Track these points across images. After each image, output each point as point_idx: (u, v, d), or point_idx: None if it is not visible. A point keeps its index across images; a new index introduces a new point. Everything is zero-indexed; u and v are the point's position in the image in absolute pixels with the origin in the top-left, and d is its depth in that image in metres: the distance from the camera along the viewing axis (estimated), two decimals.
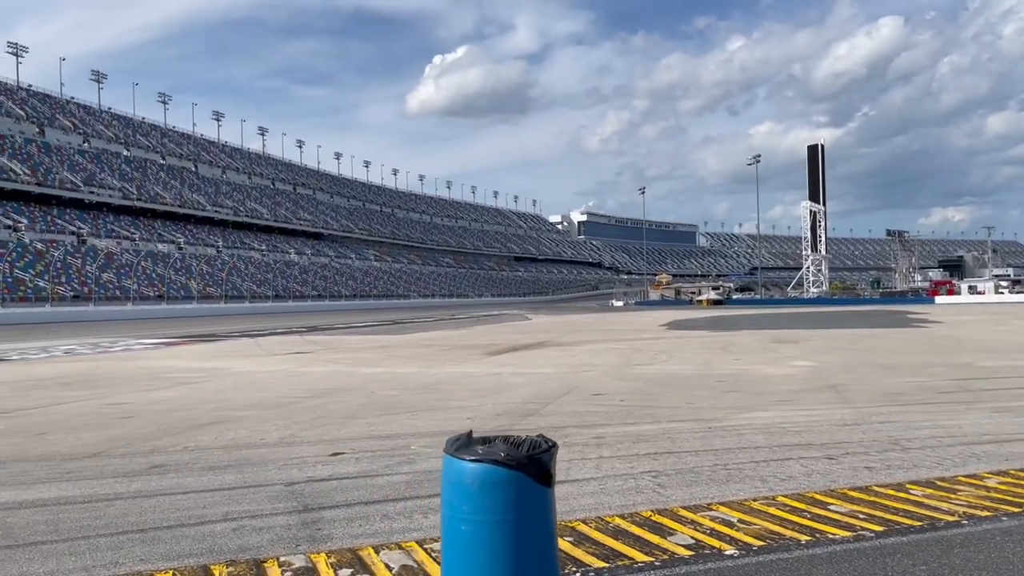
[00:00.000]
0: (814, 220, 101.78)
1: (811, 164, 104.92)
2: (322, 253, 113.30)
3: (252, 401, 11.13)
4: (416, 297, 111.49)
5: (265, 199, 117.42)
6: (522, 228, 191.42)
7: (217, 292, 77.41)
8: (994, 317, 35.29)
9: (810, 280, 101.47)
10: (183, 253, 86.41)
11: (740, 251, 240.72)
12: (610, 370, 14.19)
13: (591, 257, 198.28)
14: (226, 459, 6.90)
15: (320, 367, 17.14)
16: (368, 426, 8.55)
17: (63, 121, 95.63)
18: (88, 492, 5.77)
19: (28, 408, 10.86)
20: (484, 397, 10.74)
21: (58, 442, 8.01)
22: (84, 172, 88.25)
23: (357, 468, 6.37)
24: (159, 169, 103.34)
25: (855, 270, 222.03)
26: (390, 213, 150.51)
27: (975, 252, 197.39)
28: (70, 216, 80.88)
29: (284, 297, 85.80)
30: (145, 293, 69.52)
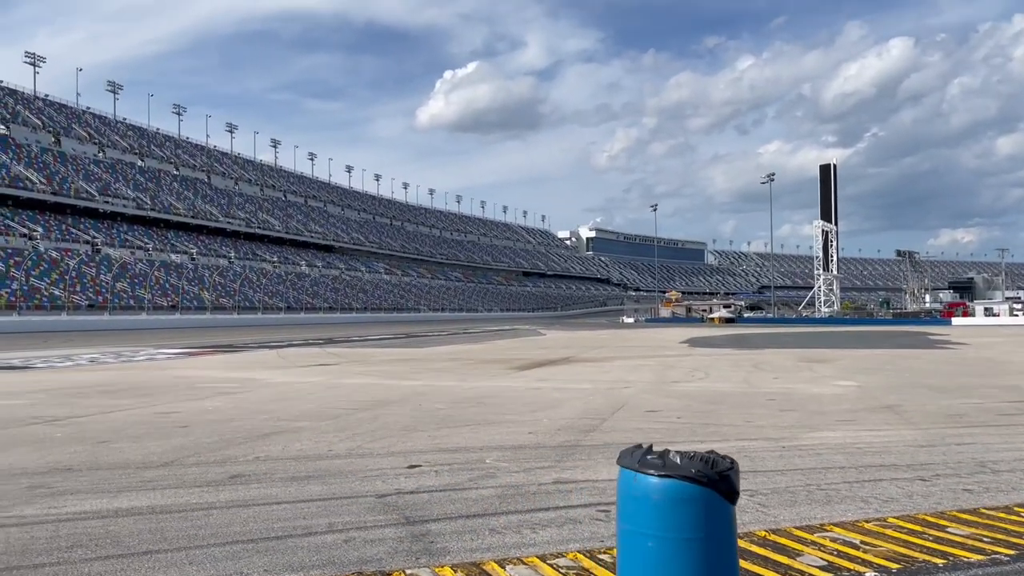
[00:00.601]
0: (826, 239, 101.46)
1: (823, 183, 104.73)
2: (333, 265, 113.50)
3: (301, 412, 11.09)
4: (426, 311, 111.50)
5: (277, 211, 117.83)
6: (531, 243, 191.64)
7: (230, 303, 77.56)
8: (1019, 340, 35.09)
9: (821, 299, 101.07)
10: (196, 264, 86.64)
11: (748, 269, 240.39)
12: (649, 387, 14.11)
13: (599, 273, 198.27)
14: (302, 470, 6.86)
15: (354, 379, 17.09)
16: (431, 439, 8.50)
17: (79, 131, 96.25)
18: (179, 501, 5.73)
19: (79, 416, 10.83)
20: (536, 412, 10.68)
21: (125, 451, 7.97)
22: (99, 182, 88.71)
23: (440, 481, 6.31)
24: (173, 180, 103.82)
25: (864, 290, 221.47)
26: (400, 226, 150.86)
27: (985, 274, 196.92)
28: (84, 225, 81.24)
29: (296, 309, 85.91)
30: (159, 303, 69.68)
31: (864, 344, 30.88)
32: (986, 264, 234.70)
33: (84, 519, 5.25)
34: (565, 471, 6.62)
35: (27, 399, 13.23)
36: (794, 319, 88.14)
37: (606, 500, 5.58)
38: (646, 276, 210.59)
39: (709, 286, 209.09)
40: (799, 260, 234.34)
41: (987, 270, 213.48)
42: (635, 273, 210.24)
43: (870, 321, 78.30)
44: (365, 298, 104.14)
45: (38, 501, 5.79)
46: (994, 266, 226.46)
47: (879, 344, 30.89)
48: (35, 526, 5.09)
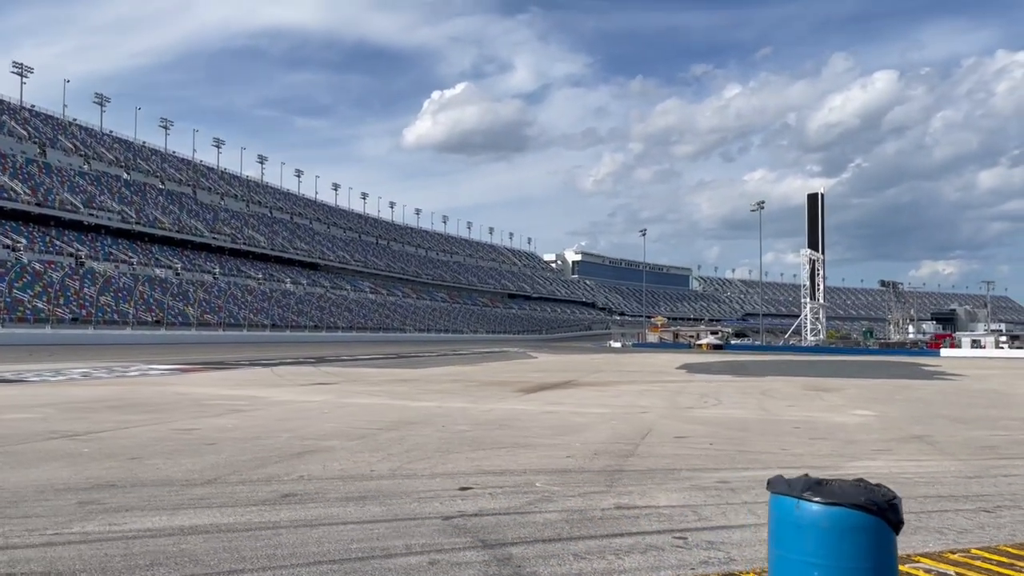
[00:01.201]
0: (813, 268, 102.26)
1: (811, 213, 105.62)
2: (318, 283, 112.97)
3: (324, 431, 10.94)
4: (411, 331, 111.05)
5: (263, 227, 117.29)
6: (516, 265, 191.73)
7: (214, 319, 76.89)
8: (1013, 372, 35.37)
9: (808, 328, 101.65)
10: (180, 279, 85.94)
11: (733, 296, 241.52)
12: (666, 413, 14.05)
13: (584, 297, 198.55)
14: (353, 490, 6.74)
15: (360, 399, 16.92)
16: (471, 461, 8.39)
17: (65, 142, 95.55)
18: (240, 520, 5.60)
19: (97, 432, 10.63)
20: (564, 435, 10.59)
21: (161, 467, 7.82)
22: (84, 194, 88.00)
23: (499, 504, 6.21)
24: (158, 194, 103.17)
25: (847, 319, 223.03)
26: (386, 246, 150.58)
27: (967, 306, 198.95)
28: (68, 238, 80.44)
29: (281, 327, 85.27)
30: (143, 318, 68.94)
31: (861, 374, 31.00)
32: (967, 296, 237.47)
33: (151, 536, 5.12)
34: (621, 497, 6.54)
35: (36, 413, 12.99)
36: (781, 347, 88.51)
37: (678, 527, 5.51)
38: (631, 301, 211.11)
39: (694, 312, 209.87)
40: (783, 288, 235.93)
41: (968, 302, 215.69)
42: (620, 297, 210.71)
43: (859, 351, 78.72)
44: (350, 317, 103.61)
45: (95, 517, 5.64)
46: (975, 298, 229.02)
47: (876, 374, 31.01)
48: (104, 543, 4.95)
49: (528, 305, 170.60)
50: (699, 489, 6.85)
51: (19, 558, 4.63)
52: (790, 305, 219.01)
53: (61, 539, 5.08)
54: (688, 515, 5.86)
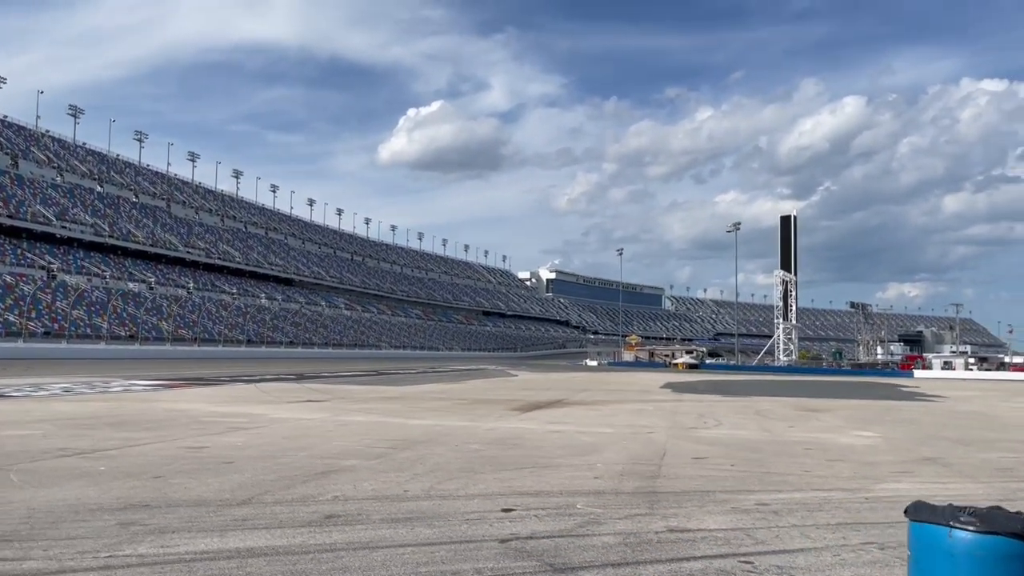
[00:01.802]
0: (786, 289, 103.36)
1: (783, 235, 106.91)
2: (293, 299, 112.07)
3: (338, 450, 10.80)
4: (387, 348, 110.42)
5: (237, 242, 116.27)
6: (491, 283, 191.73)
7: (189, 334, 75.92)
8: (990, 394, 35.92)
9: (781, 348, 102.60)
10: (154, 293, 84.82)
11: (705, 316, 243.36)
12: (672, 433, 14.05)
13: (559, 315, 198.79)
14: (395, 511, 6.65)
15: (356, 416, 16.75)
16: (500, 482, 8.32)
17: (38, 154, 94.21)
18: (295, 542, 5.49)
19: (105, 449, 10.41)
20: (580, 456, 10.55)
21: (189, 487, 7.66)
22: (57, 207, 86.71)
23: (548, 527, 6.15)
24: (132, 207, 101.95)
25: (816, 340, 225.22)
26: (361, 262, 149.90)
27: (933, 328, 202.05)
28: (40, 250, 79.15)
29: (256, 342, 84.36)
30: (116, 332, 67.87)
31: (845, 395, 31.30)
32: (933, 318, 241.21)
33: (211, 559, 5.01)
34: (668, 519, 6.51)
35: (33, 429, 12.70)
36: (755, 367, 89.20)
37: (739, 551, 5.49)
38: (604, 319, 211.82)
39: (666, 331, 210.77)
40: (754, 308, 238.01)
41: (935, 324, 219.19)
42: (594, 316, 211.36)
43: (833, 371, 79.54)
44: (325, 333, 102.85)
45: (143, 539, 5.51)
46: (941, 320, 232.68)
47: (859, 395, 31.33)
48: (164, 566, 4.84)
49: (503, 323, 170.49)
50: (741, 512, 6.84)
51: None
52: (760, 325, 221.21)
53: (118, 562, 4.95)
54: (743, 538, 5.84)
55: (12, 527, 5.84)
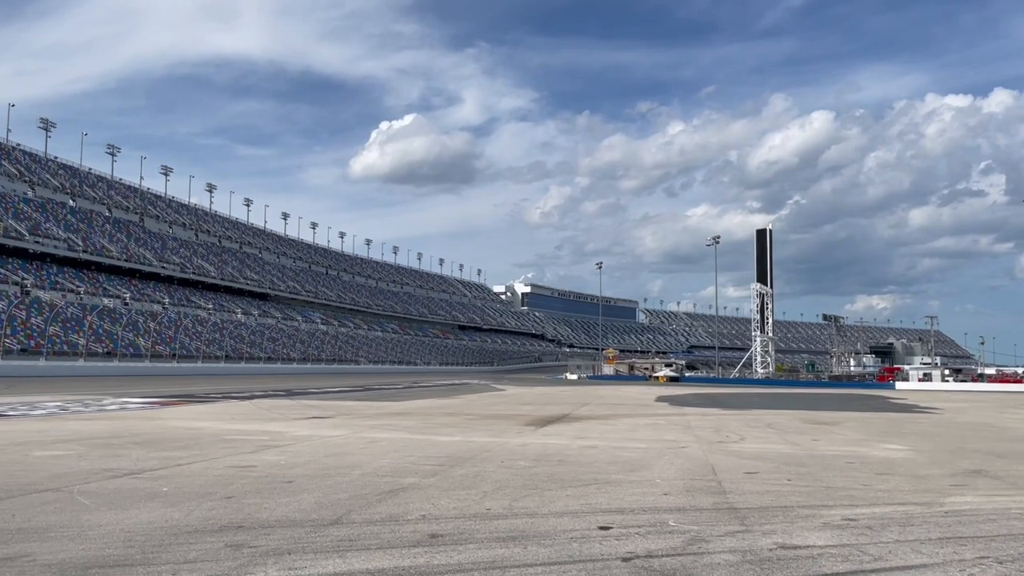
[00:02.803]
0: (763, 302, 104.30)
1: (759, 248, 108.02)
2: (269, 314, 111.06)
3: (387, 468, 10.68)
4: (365, 363, 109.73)
5: (212, 256, 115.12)
6: (467, 296, 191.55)
7: (167, 350, 74.89)
8: (980, 404, 36.50)
9: (758, 360, 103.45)
10: (129, 309, 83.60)
11: (678, 328, 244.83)
12: (705, 448, 14.07)
13: (534, 329, 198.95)
14: (494, 530, 6.58)
15: (379, 433, 16.60)
16: (574, 499, 8.28)
17: (9, 167, 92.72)
18: (421, 563, 5.42)
19: (152, 469, 10.22)
20: (633, 472, 10.54)
21: (269, 507, 7.53)
22: (29, 221, 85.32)
23: (658, 544, 6.12)
24: (105, 221, 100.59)
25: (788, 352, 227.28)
26: (336, 276, 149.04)
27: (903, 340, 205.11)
28: (13, 266, 77.75)
29: (235, 358, 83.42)
30: (94, 349, 66.76)
31: (840, 407, 31.61)
32: (903, 330, 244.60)
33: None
34: (770, 536, 6.51)
35: (62, 450, 12.43)
36: (735, 380, 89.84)
37: (866, 568, 5.51)
38: (580, 332, 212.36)
39: (641, 344, 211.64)
40: (727, 321, 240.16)
41: (904, 336, 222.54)
42: (569, 329, 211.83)
43: (813, 384, 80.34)
44: (303, 348, 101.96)
45: (267, 561, 5.41)
46: (910, 332, 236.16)
47: (854, 407, 31.66)
48: None
49: (479, 336, 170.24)
50: (836, 528, 6.87)
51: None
52: (733, 338, 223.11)
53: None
54: (859, 555, 5.86)
55: (120, 551, 5.71)
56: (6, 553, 5.63)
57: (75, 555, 5.59)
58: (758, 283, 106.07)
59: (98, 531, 6.41)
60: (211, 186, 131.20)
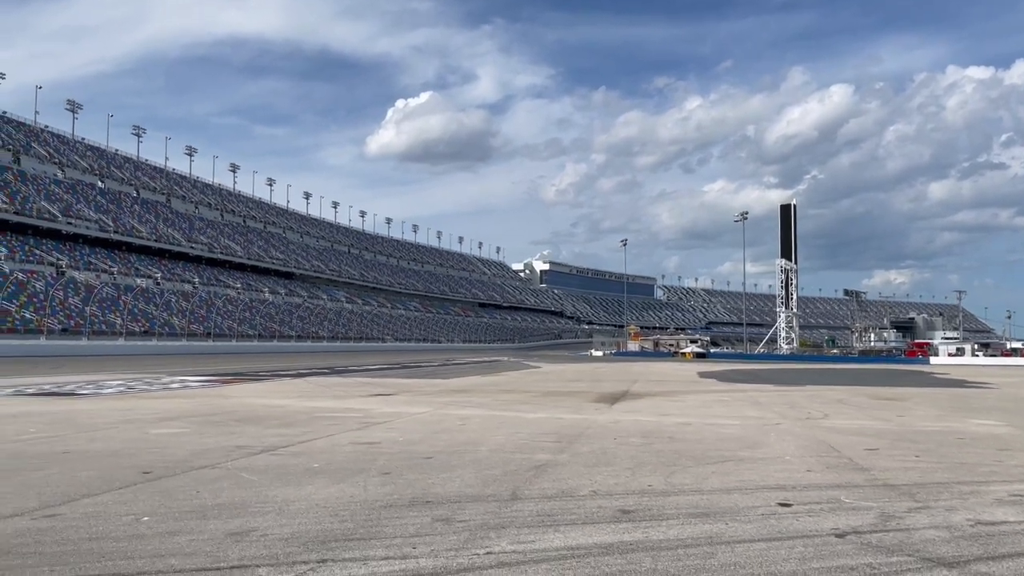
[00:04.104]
0: (787, 278, 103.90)
1: (784, 223, 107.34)
2: (295, 293, 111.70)
3: (512, 445, 10.77)
4: (391, 340, 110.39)
5: (238, 236, 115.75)
6: (486, 275, 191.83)
7: (200, 329, 75.61)
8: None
9: (783, 336, 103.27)
10: (161, 288, 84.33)
11: (696, 305, 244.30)
12: (800, 424, 14.11)
13: (553, 306, 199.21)
14: (679, 506, 6.72)
15: (464, 410, 16.74)
16: (718, 476, 8.39)
17: (39, 150, 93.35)
18: (640, 537, 5.55)
19: (286, 446, 10.37)
20: (750, 449, 10.62)
21: (434, 483, 7.68)
22: (61, 202, 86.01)
23: (855, 521, 6.17)
24: (133, 202, 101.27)
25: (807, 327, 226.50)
26: (358, 255, 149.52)
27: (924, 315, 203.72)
28: (47, 246, 78.49)
29: (266, 337, 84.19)
30: (131, 328, 67.52)
31: (891, 382, 31.61)
32: (922, 305, 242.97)
33: (580, 556, 5.06)
34: (955, 512, 6.55)
35: (176, 427, 12.65)
36: (762, 356, 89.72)
37: None
38: (598, 309, 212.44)
39: (659, 320, 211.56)
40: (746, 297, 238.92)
41: (924, 310, 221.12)
42: (588, 306, 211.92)
43: (846, 359, 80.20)
44: (331, 327, 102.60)
45: (488, 535, 5.54)
46: (929, 307, 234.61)
47: (906, 382, 31.64)
48: (547, 564, 4.89)
49: (499, 314, 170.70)
50: (1013, 504, 6.95)
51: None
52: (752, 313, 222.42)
53: (492, 560, 4.99)
54: None
55: (338, 525, 5.86)
56: (232, 528, 5.80)
57: (298, 529, 5.76)
58: (782, 259, 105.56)
59: (298, 506, 6.58)
60: (234, 166, 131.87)
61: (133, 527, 5.81)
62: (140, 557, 5.02)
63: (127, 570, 4.74)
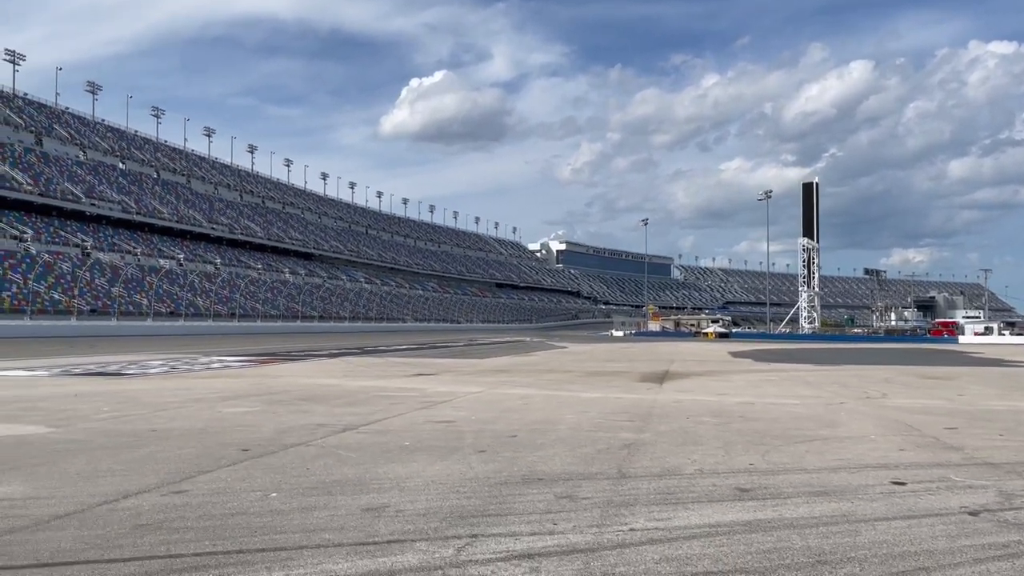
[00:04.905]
0: (809, 257, 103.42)
1: (806, 202, 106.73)
2: (315, 273, 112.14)
3: (585, 423, 10.85)
4: (411, 321, 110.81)
5: (257, 217, 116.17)
6: (503, 255, 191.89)
7: (225, 310, 76.12)
8: None
9: (804, 316, 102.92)
10: (184, 269, 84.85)
11: (713, 284, 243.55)
12: (863, 404, 14.08)
13: (569, 286, 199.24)
14: (793, 484, 6.73)
15: (514, 389, 16.79)
16: (817, 454, 8.39)
17: (60, 131, 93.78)
18: (773, 516, 5.57)
19: (364, 424, 10.43)
20: (827, 428, 10.61)
21: (535, 461, 7.70)
22: (84, 184, 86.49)
23: (977, 499, 6.18)
24: (154, 184, 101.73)
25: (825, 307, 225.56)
26: (376, 235, 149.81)
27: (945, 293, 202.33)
28: (72, 228, 79.02)
29: (289, 317, 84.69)
30: (158, 309, 68.10)
31: (931, 361, 31.50)
32: (942, 284, 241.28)
33: (724, 533, 5.08)
34: None
35: (244, 406, 12.74)
36: (785, 335, 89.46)
37: None
38: (615, 289, 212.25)
39: (676, 300, 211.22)
40: (762, 276, 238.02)
41: (944, 289, 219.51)
42: (604, 286, 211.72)
43: (872, 339, 79.85)
44: (351, 307, 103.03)
45: (621, 512, 5.57)
46: (949, 285, 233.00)
47: (947, 362, 31.53)
48: (685, 542, 4.91)
49: (516, 294, 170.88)
50: None
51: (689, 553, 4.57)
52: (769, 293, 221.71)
53: (637, 537, 5.02)
54: None
55: (466, 502, 5.89)
56: (363, 504, 5.85)
57: (430, 506, 5.80)
58: (804, 238, 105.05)
59: (414, 483, 6.63)
60: (252, 147, 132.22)
61: (266, 503, 5.87)
62: (291, 532, 5.07)
63: (287, 544, 4.80)
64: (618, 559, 4.52)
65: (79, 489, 6.26)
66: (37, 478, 6.71)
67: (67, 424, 10.28)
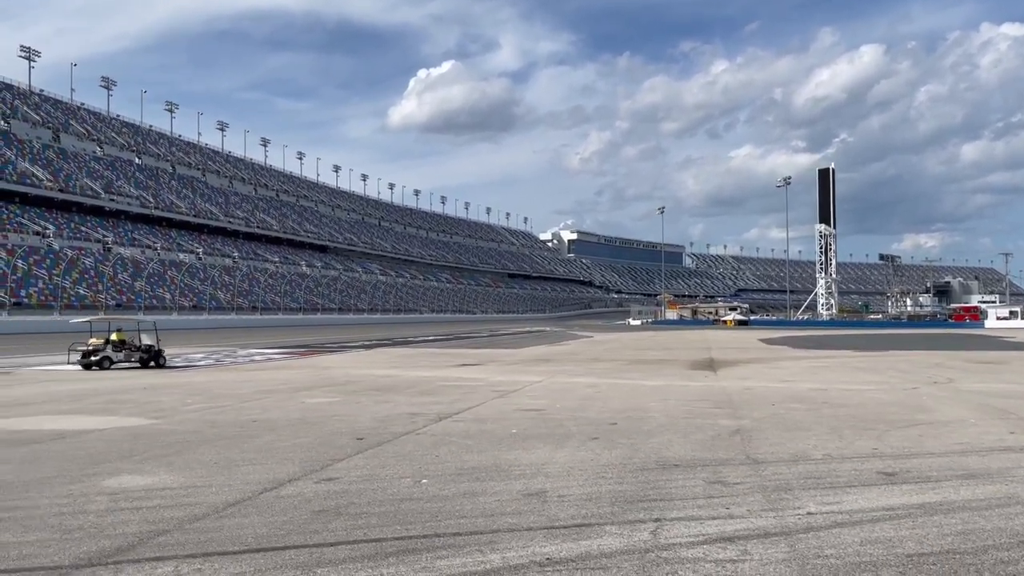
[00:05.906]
0: (826, 243, 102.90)
1: (822, 188, 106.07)
2: (331, 266, 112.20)
3: (682, 411, 10.86)
4: (427, 312, 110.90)
5: (272, 210, 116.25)
6: (514, 245, 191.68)
7: (245, 303, 76.30)
8: None
9: (821, 302, 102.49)
10: (203, 263, 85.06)
11: (725, 272, 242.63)
12: (937, 389, 14.05)
13: (581, 275, 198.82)
14: (942, 467, 6.72)
15: (575, 378, 16.83)
16: (935, 439, 8.41)
17: (77, 127, 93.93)
18: (927, 500, 5.56)
19: (456, 413, 10.46)
20: (920, 413, 10.63)
21: (655, 448, 7.72)
22: (102, 179, 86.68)
23: None
24: (170, 178, 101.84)
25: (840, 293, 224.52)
26: (388, 227, 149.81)
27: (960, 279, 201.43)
28: (92, 223, 79.26)
29: (308, 309, 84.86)
30: (181, 303, 68.33)
31: (969, 346, 31.44)
32: (956, 269, 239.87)
33: (890, 519, 5.08)
34: None
35: (321, 396, 12.79)
36: (804, 322, 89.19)
37: None
38: (627, 278, 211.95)
39: (688, 288, 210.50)
40: (775, 263, 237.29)
41: (959, 274, 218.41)
42: (616, 275, 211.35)
43: (896, 324, 79.39)
44: (368, 299, 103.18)
45: (783, 497, 5.57)
46: (963, 270, 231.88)
47: (985, 346, 31.49)
48: (860, 526, 4.90)
49: (528, 284, 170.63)
50: None
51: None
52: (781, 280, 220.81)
53: (821, 521, 5.01)
54: None
55: (618, 487, 5.89)
56: (520, 489, 5.86)
57: (587, 491, 5.80)
58: (821, 224, 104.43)
59: (552, 468, 6.65)
60: (265, 140, 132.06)
61: (425, 489, 5.88)
62: (472, 516, 5.08)
63: (476, 528, 4.81)
64: (820, 542, 4.52)
65: (230, 477, 6.29)
66: (179, 468, 6.75)
67: (165, 416, 10.35)
